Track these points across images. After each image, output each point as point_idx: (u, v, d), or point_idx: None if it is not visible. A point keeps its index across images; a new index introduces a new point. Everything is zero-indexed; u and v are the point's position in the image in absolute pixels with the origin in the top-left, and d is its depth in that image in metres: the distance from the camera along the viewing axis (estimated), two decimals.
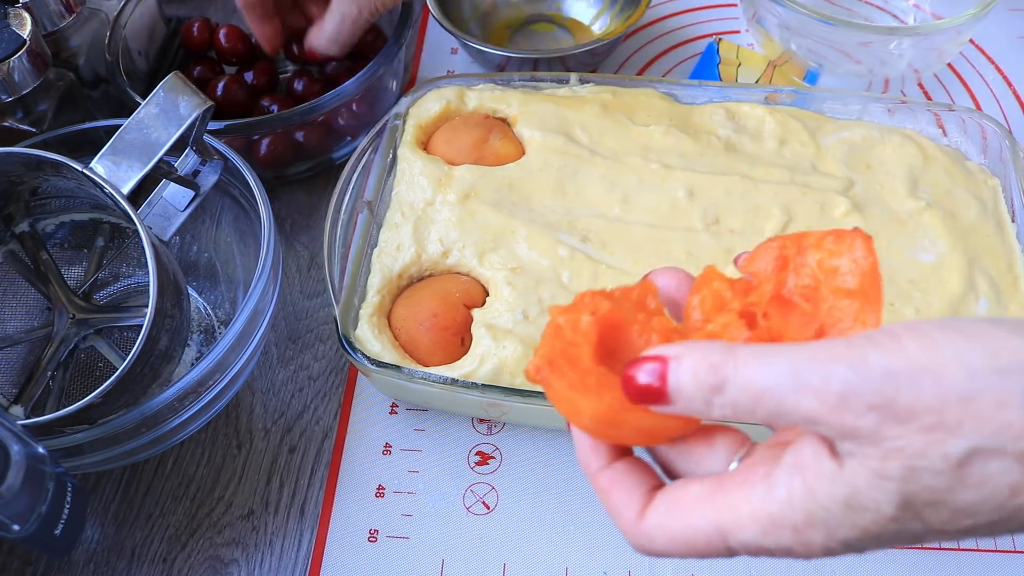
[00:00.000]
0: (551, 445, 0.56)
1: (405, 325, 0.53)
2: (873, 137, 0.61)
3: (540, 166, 0.59)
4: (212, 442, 0.57)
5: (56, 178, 0.52)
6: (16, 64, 0.56)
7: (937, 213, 0.57)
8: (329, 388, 0.59)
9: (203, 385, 0.49)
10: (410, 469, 0.55)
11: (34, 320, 0.58)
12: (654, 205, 0.57)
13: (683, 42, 0.79)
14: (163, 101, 0.50)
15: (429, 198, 0.58)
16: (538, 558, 0.52)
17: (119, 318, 0.58)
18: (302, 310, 0.63)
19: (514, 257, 0.55)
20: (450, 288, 0.55)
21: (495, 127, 0.62)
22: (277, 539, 0.53)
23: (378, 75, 0.66)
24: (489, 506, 0.54)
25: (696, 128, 0.61)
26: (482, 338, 0.52)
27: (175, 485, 0.56)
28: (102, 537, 0.54)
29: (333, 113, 0.65)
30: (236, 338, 0.49)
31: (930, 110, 0.62)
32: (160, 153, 0.49)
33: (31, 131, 0.60)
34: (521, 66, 0.71)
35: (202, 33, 0.72)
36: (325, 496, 0.55)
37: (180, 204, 0.57)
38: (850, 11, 0.78)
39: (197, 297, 0.62)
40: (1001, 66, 0.76)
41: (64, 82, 0.62)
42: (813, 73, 0.73)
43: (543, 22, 0.80)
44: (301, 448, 0.57)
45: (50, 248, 0.58)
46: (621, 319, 0.33)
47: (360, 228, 0.57)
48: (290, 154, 0.67)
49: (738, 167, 0.59)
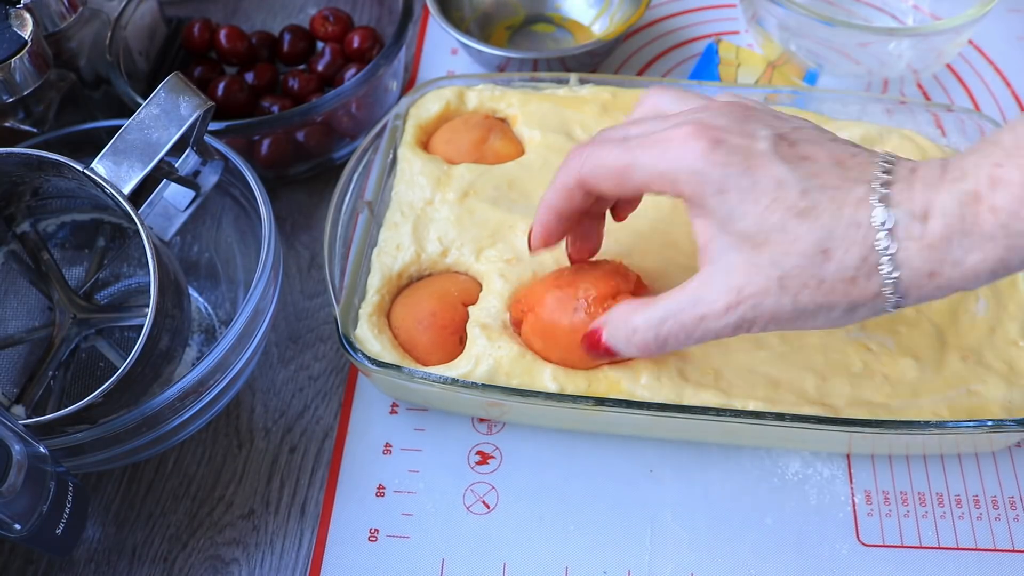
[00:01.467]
0: (551, 445, 0.56)
1: (404, 324, 0.54)
2: (872, 137, 0.61)
3: (540, 164, 0.59)
4: (212, 442, 0.57)
5: (57, 178, 0.52)
6: (17, 65, 0.57)
7: None
8: (329, 388, 0.60)
9: (204, 385, 0.49)
10: (410, 469, 0.55)
11: (35, 320, 0.58)
12: (659, 202, 0.57)
13: (683, 43, 0.79)
14: (164, 101, 0.50)
15: (428, 197, 0.58)
16: (538, 558, 0.52)
17: (120, 318, 0.58)
18: (302, 310, 0.63)
19: (511, 249, 0.55)
20: (448, 287, 0.55)
21: (495, 127, 0.62)
22: (277, 538, 0.54)
23: (378, 75, 0.66)
24: (489, 506, 0.54)
25: None
26: (477, 338, 0.52)
27: (176, 485, 0.56)
28: (103, 536, 0.54)
29: (333, 113, 0.65)
30: (237, 338, 0.49)
31: (929, 111, 0.62)
32: (161, 153, 0.49)
33: (32, 131, 0.60)
34: (521, 66, 0.71)
35: (203, 34, 0.73)
36: (325, 496, 0.55)
37: (181, 204, 0.57)
38: (849, 12, 0.78)
39: (198, 297, 0.62)
40: (1000, 67, 0.77)
41: (65, 83, 0.62)
42: (812, 74, 0.73)
43: (543, 22, 0.80)
44: (301, 448, 0.57)
45: (51, 248, 0.58)
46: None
47: (360, 228, 0.57)
48: (291, 154, 0.67)
49: None
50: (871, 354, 0.51)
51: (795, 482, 0.54)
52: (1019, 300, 0.54)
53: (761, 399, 0.49)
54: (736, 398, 0.49)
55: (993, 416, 0.49)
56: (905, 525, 0.53)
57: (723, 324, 0.40)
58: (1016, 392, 0.50)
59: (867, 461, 0.55)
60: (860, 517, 0.53)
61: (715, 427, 0.51)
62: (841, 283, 0.38)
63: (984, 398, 0.50)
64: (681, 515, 0.53)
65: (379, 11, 0.76)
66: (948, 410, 0.49)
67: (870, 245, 0.37)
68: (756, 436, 0.53)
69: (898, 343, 0.52)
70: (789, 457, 0.55)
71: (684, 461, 0.55)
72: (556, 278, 0.52)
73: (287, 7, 0.79)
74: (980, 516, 0.53)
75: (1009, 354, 0.52)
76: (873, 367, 0.51)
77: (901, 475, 0.54)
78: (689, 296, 0.41)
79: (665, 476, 0.54)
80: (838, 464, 0.55)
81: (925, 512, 0.53)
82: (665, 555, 0.52)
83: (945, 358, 0.51)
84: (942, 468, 0.55)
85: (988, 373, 0.51)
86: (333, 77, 0.72)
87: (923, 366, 0.51)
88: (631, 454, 0.55)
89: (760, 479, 0.54)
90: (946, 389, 0.50)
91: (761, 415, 0.49)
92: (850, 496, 0.54)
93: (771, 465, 0.55)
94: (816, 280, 0.38)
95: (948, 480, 0.54)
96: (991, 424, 0.48)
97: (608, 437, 0.56)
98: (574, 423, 0.55)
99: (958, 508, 0.53)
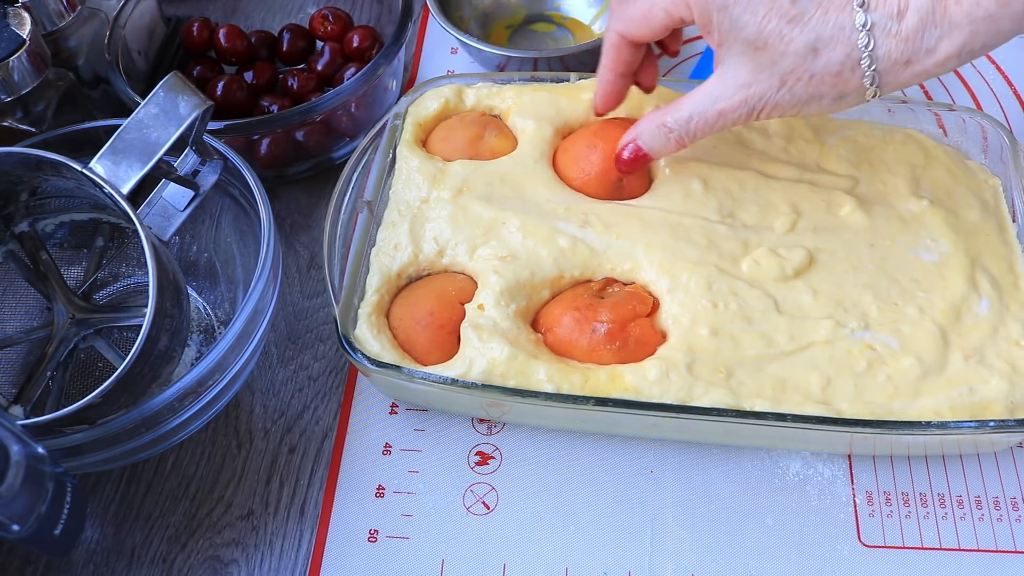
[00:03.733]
0: (551, 445, 0.56)
1: (402, 324, 0.53)
2: (875, 135, 0.61)
3: (532, 157, 0.59)
4: (212, 442, 0.57)
5: (56, 178, 0.52)
6: (16, 64, 0.56)
7: (939, 212, 0.57)
8: (329, 388, 0.59)
9: (203, 385, 0.49)
10: (410, 469, 0.55)
11: (34, 320, 0.58)
12: (666, 193, 0.57)
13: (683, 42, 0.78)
14: (163, 101, 0.50)
15: (424, 195, 0.58)
16: (538, 558, 0.52)
17: (119, 318, 0.58)
18: (302, 310, 0.63)
19: (505, 246, 0.55)
20: (446, 286, 0.55)
21: (490, 124, 0.62)
22: (277, 539, 0.53)
23: (378, 75, 0.65)
24: (489, 506, 0.54)
25: None
26: (470, 339, 0.52)
27: (175, 485, 0.56)
28: (102, 537, 0.54)
29: (333, 113, 0.65)
30: (236, 338, 0.49)
31: (930, 110, 0.62)
32: (160, 153, 0.49)
33: (31, 131, 0.59)
34: (521, 66, 0.71)
35: (201, 33, 0.72)
36: (325, 496, 0.55)
37: (180, 204, 0.57)
38: None
39: (197, 297, 0.62)
40: (1002, 66, 0.76)
41: (64, 82, 0.62)
42: None
43: (543, 22, 0.80)
44: (301, 448, 0.57)
45: (50, 248, 0.57)
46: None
47: (360, 228, 0.57)
48: (290, 154, 0.67)
49: (751, 162, 0.59)
50: (874, 353, 0.51)
51: (796, 483, 0.54)
52: (1021, 299, 0.54)
53: (768, 399, 0.49)
54: (745, 397, 0.49)
55: (995, 416, 0.49)
56: (906, 526, 0.52)
57: (738, 114, 0.49)
58: (1018, 392, 0.50)
59: (868, 461, 0.55)
60: (861, 518, 0.53)
61: (717, 427, 0.50)
62: (829, 76, 0.45)
63: (986, 398, 0.50)
64: (682, 516, 0.53)
65: (379, 10, 0.76)
66: (950, 410, 0.49)
67: (853, 43, 0.44)
68: (758, 436, 0.53)
69: (901, 342, 0.51)
70: (790, 458, 0.55)
71: (685, 462, 0.55)
72: (574, 299, 0.52)
73: (286, 6, 0.79)
74: (982, 517, 0.53)
75: (1012, 354, 0.51)
76: (876, 366, 0.51)
77: (902, 475, 0.54)
78: (708, 95, 0.49)
79: (666, 477, 0.54)
80: (839, 465, 0.54)
81: (927, 513, 0.53)
82: (666, 556, 0.51)
83: (948, 357, 0.51)
84: (944, 468, 0.55)
85: (990, 373, 0.51)
86: (332, 76, 0.72)
87: (926, 365, 0.51)
88: (631, 454, 0.55)
89: (761, 480, 0.54)
90: (948, 389, 0.50)
91: (762, 415, 0.48)
92: (851, 497, 0.53)
93: (772, 466, 0.55)
94: (808, 74, 0.46)
95: (950, 481, 0.54)
96: (993, 424, 0.48)
97: (608, 437, 0.56)
98: (574, 423, 0.55)
99: (959, 509, 0.53)
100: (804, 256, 0.55)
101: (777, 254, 0.54)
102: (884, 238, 0.56)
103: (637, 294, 0.53)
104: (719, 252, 0.54)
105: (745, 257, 0.54)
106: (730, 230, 0.55)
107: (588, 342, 0.51)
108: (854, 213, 0.56)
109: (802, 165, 0.59)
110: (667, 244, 0.54)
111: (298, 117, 0.63)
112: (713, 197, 0.57)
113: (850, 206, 0.57)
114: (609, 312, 0.52)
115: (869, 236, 0.56)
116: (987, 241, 0.56)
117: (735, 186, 0.57)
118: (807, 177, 0.58)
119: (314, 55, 0.74)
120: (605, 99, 0.57)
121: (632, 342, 0.51)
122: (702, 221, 0.56)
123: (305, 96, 0.70)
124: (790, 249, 0.55)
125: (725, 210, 0.56)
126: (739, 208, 0.57)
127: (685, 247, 0.54)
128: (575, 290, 0.54)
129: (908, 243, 0.56)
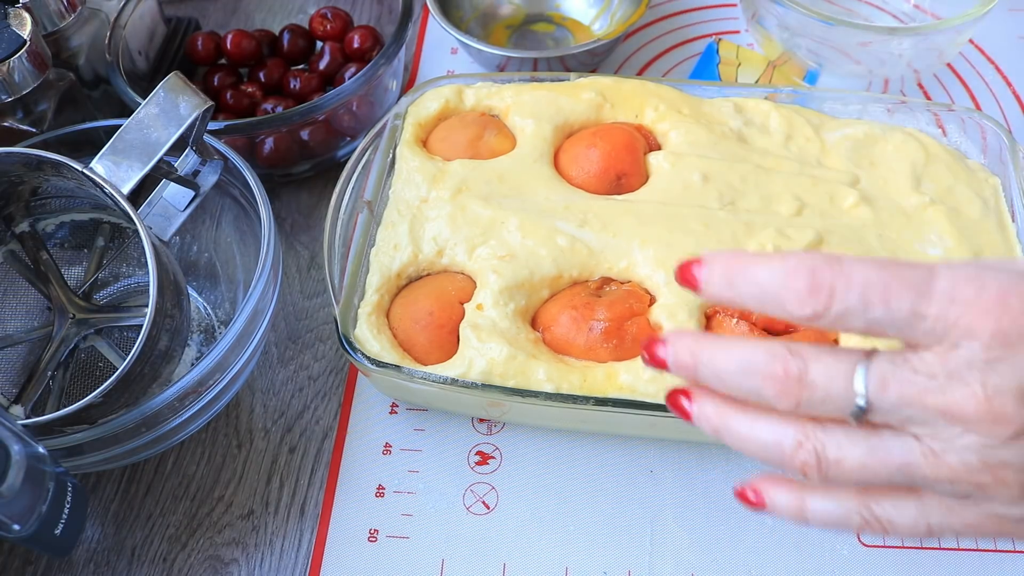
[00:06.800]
0: (551, 445, 0.56)
1: (402, 324, 0.53)
2: (876, 134, 0.61)
3: (531, 156, 0.59)
4: (212, 442, 0.57)
5: (56, 178, 0.52)
6: (16, 64, 0.56)
7: (941, 209, 0.57)
8: (329, 388, 0.59)
9: (203, 385, 0.49)
10: (410, 469, 0.55)
11: (34, 320, 0.58)
12: (665, 187, 0.57)
13: (683, 42, 0.79)
14: (163, 101, 0.50)
15: (424, 195, 0.58)
16: (538, 558, 0.52)
17: (119, 318, 0.58)
18: (302, 310, 0.63)
19: (504, 246, 0.55)
20: (446, 286, 0.55)
21: (490, 123, 0.62)
22: (277, 539, 0.53)
23: (378, 75, 0.66)
24: (489, 506, 0.54)
25: (708, 119, 0.61)
26: (469, 339, 0.52)
27: (175, 485, 0.56)
28: (102, 537, 0.54)
29: (333, 113, 0.65)
30: (236, 338, 0.49)
31: (930, 110, 0.62)
32: (160, 153, 0.49)
33: (31, 131, 0.60)
34: (521, 66, 0.71)
35: (207, 45, 0.73)
36: (325, 496, 0.55)
37: (180, 204, 0.57)
38: (850, 11, 0.78)
39: (197, 297, 0.62)
40: (1001, 66, 0.76)
41: (64, 82, 0.62)
42: (813, 73, 0.73)
43: (543, 22, 0.80)
44: (301, 448, 0.57)
45: (50, 248, 0.58)
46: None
47: (360, 228, 0.57)
48: (290, 154, 0.67)
49: (752, 157, 0.59)
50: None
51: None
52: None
53: None
54: None
55: None
56: None
57: None
58: None
59: None
60: None
61: None
62: None
63: None
64: (681, 515, 0.53)
65: (379, 10, 0.76)
66: None
67: None
68: None
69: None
70: None
71: (684, 461, 0.55)
72: (571, 298, 0.53)
73: (286, 6, 0.79)
74: None
75: None
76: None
77: None
78: None
79: (665, 476, 0.54)
80: None
81: None
82: (665, 555, 0.51)
83: None
84: None
85: None
86: (334, 76, 0.72)
87: None
88: (631, 454, 0.55)
89: None
90: None
91: None
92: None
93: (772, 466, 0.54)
94: None
95: None
96: None
97: (608, 437, 0.56)
98: (574, 423, 0.55)
99: None
100: (814, 236, 0.53)
101: (785, 235, 0.53)
102: (890, 230, 0.55)
103: (634, 292, 0.53)
104: (718, 237, 0.53)
105: (750, 239, 0.53)
106: (731, 215, 0.55)
107: (585, 340, 0.51)
108: (858, 206, 0.56)
109: (803, 161, 0.59)
110: (661, 237, 0.54)
111: (298, 117, 0.63)
112: (713, 188, 0.56)
113: (854, 199, 0.56)
114: (606, 310, 0.52)
115: (876, 228, 0.56)
116: (989, 239, 0.56)
117: (736, 179, 0.57)
118: (809, 172, 0.58)
119: (315, 55, 0.74)
120: None
121: (629, 340, 0.51)
122: (701, 210, 0.55)
123: (307, 96, 0.70)
124: (799, 230, 0.54)
125: (726, 199, 0.56)
126: (740, 198, 0.56)
127: (680, 237, 0.54)
128: (572, 289, 0.54)
129: (913, 237, 0.55)
